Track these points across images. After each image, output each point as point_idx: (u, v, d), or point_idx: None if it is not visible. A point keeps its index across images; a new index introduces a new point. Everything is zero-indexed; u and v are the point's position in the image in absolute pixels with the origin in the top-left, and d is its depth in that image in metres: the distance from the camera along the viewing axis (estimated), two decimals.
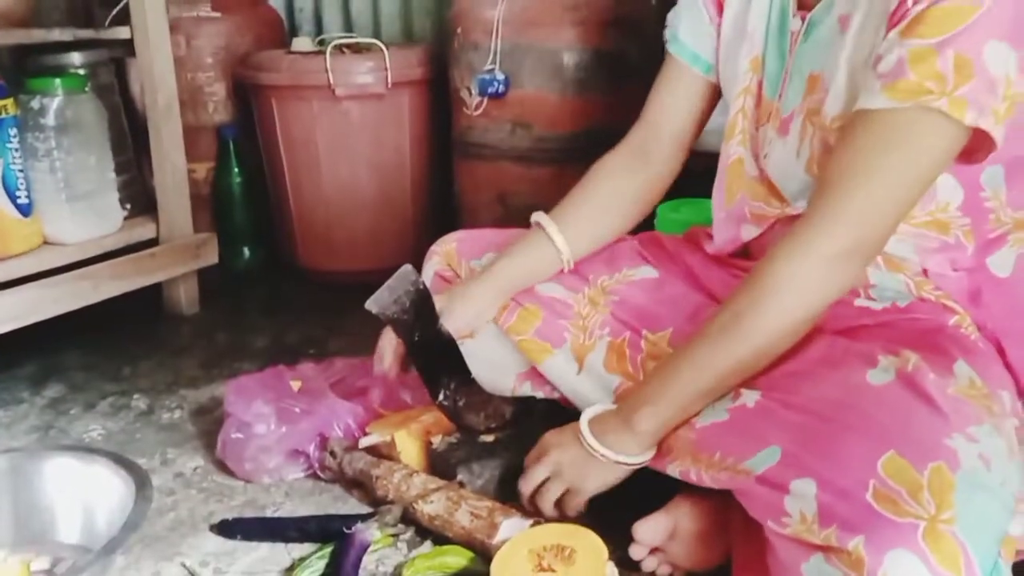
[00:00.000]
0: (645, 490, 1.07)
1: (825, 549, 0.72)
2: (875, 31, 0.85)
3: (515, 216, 1.68)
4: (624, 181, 1.13)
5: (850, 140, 0.83)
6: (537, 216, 1.12)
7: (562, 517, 0.99)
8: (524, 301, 1.11)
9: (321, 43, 1.98)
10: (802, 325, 0.87)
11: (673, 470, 0.90)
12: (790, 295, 0.84)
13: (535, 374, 1.11)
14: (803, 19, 0.94)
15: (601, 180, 1.13)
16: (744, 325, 0.86)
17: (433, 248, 1.23)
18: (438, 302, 1.09)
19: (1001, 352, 0.92)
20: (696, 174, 1.19)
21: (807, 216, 0.85)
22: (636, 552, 0.97)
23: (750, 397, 0.88)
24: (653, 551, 0.97)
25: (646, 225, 1.37)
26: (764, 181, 1.01)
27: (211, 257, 1.86)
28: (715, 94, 1.10)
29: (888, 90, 0.80)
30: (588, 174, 1.14)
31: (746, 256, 1.07)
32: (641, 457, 0.93)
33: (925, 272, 0.94)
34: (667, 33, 1.14)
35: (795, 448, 0.79)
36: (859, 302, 0.95)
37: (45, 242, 1.63)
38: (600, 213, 1.13)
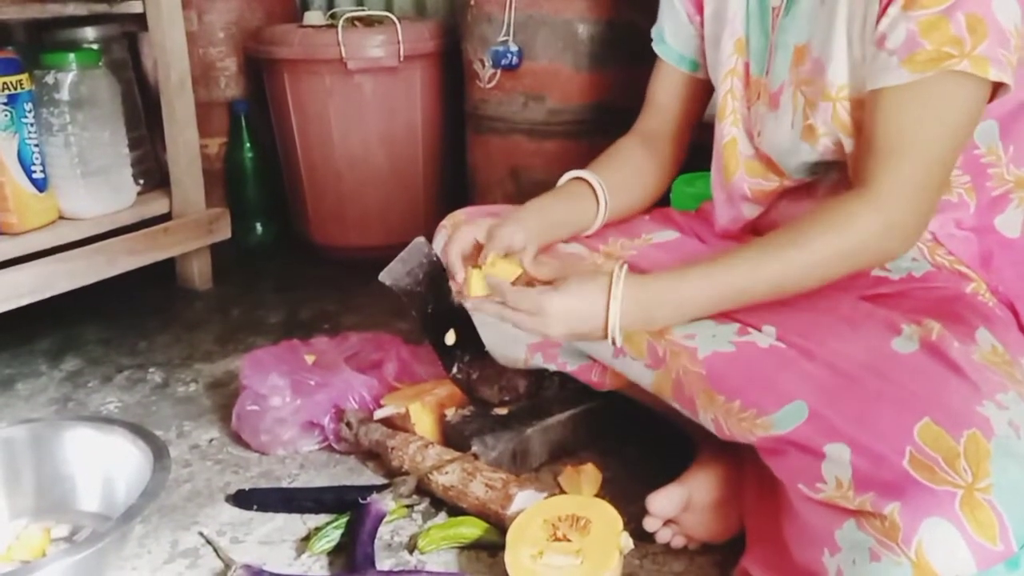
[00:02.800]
0: (659, 462, 1.08)
1: (859, 514, 0.73)
2: (866, 1, 0.86)
3: (527, 190, 1.67)
4: (644, 159, 1.15)
5: (883, 119, 0.84)
6: (578, 172, 1.11)
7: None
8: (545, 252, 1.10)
9: (333, 17, 1.97)
10: (838, 274, 0.87)
11: (705, 418, 0.90)
12: (846, 243, 0.85)
13: (546, 346, 1.11)
14: None
15: (625, 154, 1.15)
16: (792, 254, 0.86)
17: (442, 223, 1.23)
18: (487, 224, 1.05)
19: (1015, 314, 0.93)
20: (711, 148, 1.18)
21: (859, 189, 0.86)
22: (650, 524, 0.98)
23: (761, 337, 0.88)
24: (667, 523, 0.98)
25: (661, 200, 1.37)
26: (761, 158, 1.02)
27: (224, 232, 1.87)
28: (706, 89, 1.14)
29: (908, 63, 0.81)
30: (611, 149, 1.16)
31: (755, 234, 1.07)
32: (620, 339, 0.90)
33: (935, 237, 0.94)
34: (653, 32, 1.16)
35: (822, 407, 0.79)
36: (876, 272, 0.95)
37: (60, 217, 1.63)
38: (629, 181, 1.14)
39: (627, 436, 1.20)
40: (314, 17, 1.97)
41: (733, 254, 0.90)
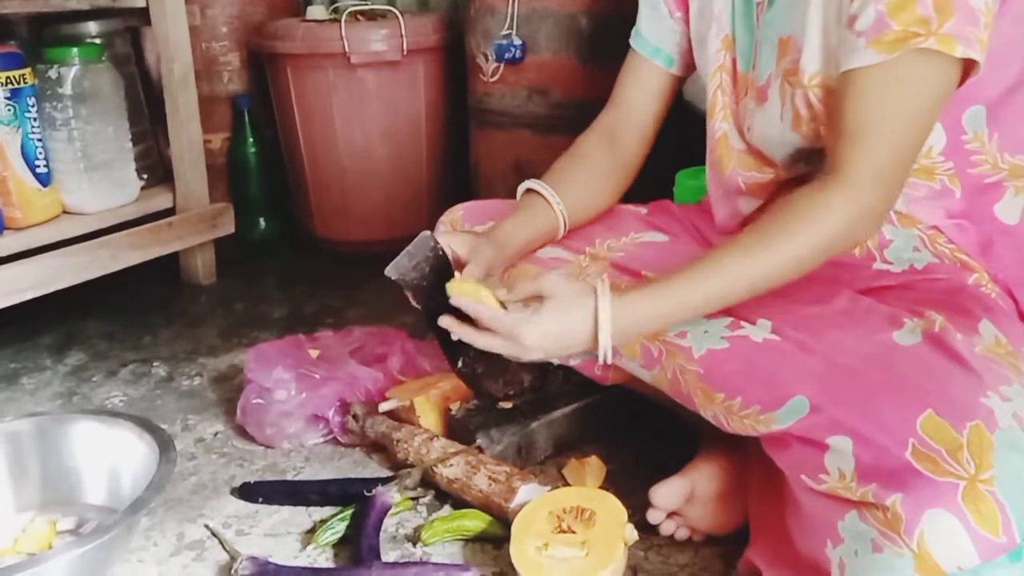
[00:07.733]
0: (663, 454, 1.08)
1: (861, 505, 0.73)
2: None
3: None
4: (603, 159, 1.14)
5: (852, 101, 0.83)
6: (531, 183, 1.12)
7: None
8: (519, 263, 1.10)
9: (335, 11, 1.96)
10: (815, 264, 0.86)
11: (706, 414, 0.90)
12: (815, 231, 0.84)
13: None
14: None
15: (584, 155, 1.15)
16: (768, 248, 0.85)
17: (442, 218, 1.23)
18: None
19: (1014, 301, 0.92)
20: None
21: (831, 176, 0.85)
22: (654, 516, 0.98)
23: (755, 331, 0.88)
24: (671, 515, 0.98)
25: (664, 193, 1.37)
26: (752, 151, 1.02)
27: (228, 227, 1.87)
28: (676, 86, 1.14)
29: (875, 44, 0.81)
30: (570, 150, 1.16)
31: None
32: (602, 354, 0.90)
33: (936, 226, 0.94)
34: (633, 30, 1.14)
35: (824, 400, 0.79)
36: (877, 265, 0.95)
37: (64, 211, 1.64)
38: (587, 185, 1.14)
39: (631, 429, 1.20)
40: (317, 11, 1.97)
41: (712, 259, 0.88)
